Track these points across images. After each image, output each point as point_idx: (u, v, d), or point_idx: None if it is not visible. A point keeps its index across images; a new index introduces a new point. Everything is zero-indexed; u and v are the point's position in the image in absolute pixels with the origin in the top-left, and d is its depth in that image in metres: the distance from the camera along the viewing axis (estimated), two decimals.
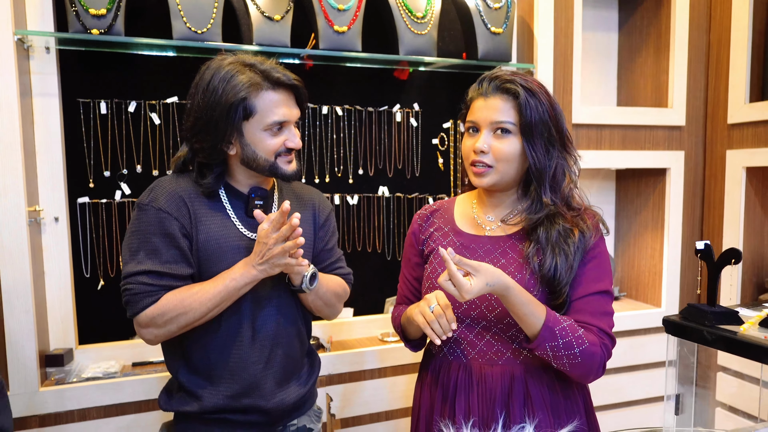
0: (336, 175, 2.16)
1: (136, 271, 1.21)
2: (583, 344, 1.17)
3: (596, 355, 1.18)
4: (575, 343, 1.16)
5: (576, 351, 1.16)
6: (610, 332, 1.23)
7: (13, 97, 1.62)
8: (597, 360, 1.19)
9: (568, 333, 1.17)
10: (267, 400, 1.30)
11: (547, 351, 1.16)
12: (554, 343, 1.15)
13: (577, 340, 1.17)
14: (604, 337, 1.21)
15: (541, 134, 1.22)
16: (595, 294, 1.23)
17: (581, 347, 1.17)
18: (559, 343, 1.15)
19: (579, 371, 1.19)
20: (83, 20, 1.66)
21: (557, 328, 1.16)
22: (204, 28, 1.77)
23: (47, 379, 1.76)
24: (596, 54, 2.58)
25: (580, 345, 1.17)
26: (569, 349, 1.16)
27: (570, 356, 1.16)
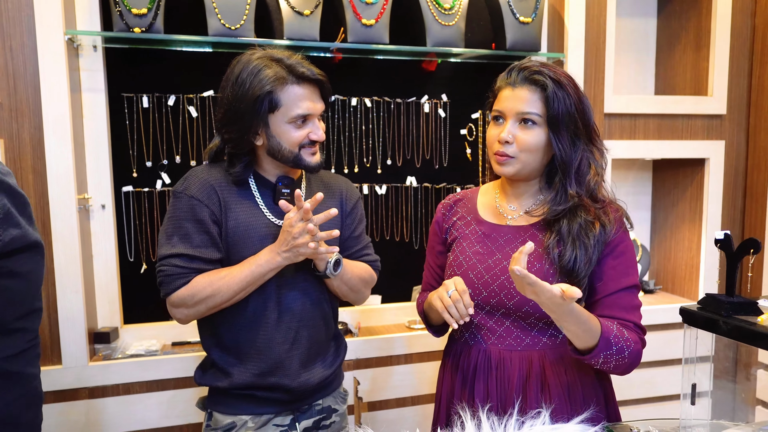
0: (365, 165, 2.21)
1: (170, 254, 1.30)
2: (631, 346, 1.18)
3: (639, 353, 1.21)
4: (625, 346, 1.18)
5: (625, 354, 1.17)
6: (642, 325, 1.26)
7: (64, 93, 1.74)
8: (639, 356, 1.21)
9: (620, 339, 1.17)
10: (291, 380, 1.37)
11: (599, 359, 1.16)
12: (609, 351, 1.16)
13: (626, 343, 1.18)
14: (640, 332, 1.24)
15: (567, 126, 1.22)
16: (626, 289, 1.24)
17: (629, 349, 1.18)
18: (613, 350, 1.16)
19: (621, 370, 1.20)
20: (126, 19, 1.77)
21: (611, 336, 1.17)
22: (237, 24, 1.85)
23: (95, 355, 1.90)
24: (633, 41, 2.52)
25: (629, 347, 1.18)
26: (620, 353, 1.17)
27: (619, 359, 1.17)
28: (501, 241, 1.32)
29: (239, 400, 1.38)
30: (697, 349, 1.27)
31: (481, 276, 1.30)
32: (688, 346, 1.22)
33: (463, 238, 1.37)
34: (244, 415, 1.38)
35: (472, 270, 1.31)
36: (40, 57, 1.72)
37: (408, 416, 2.12)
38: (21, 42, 1.72)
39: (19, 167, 1.75)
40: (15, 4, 1.70)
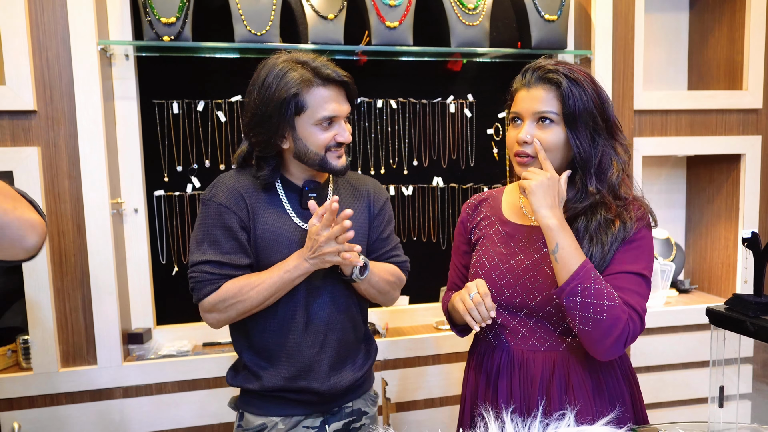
0: (391, 166, 2.22)
1: (200, 261, 1.32)
2: (613, 301, 1.11)
3: (620, 321, 1.11)
4: (606, 295, 1.11)
5: (604, 303, 1.10)
6: (641, 312, 1.16)
7: (98, 101, 1.80)
8: (620, 327, 1.11)
9: (602, 283, 1.13)
10: (321, 383, 1.38)
11: (576, 295, 1.11)
12: (586, 286, 1.11)
13: (609, 295, 1.12)
14: (633, 312, 1.15)
15: (586, 123, 1.20)
16: (629, 273, 1.19)
17: (611, 302, 1.11)
18: (590, 288, 1.11)
19: (599, 332, 1.11)
20: (156, 28, 1.81)
21: (593, 273, 1.13)
22: (263, 30, 1.88)
23: (129, 355, 1.95)
24: (664, 36, 2.46)
25: (610, 300, 1.11)
26: (599, 298, 1.11)
27: (597, 309, 1.10)
28: (524, 242, 1.31)
29: (270, 402, 1.40)
30: (725, 351, 1.24)
31: (503, 276, 1.29)
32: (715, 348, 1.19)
33: (486, 238, 1.37)
34: (275, 416, 1.39)
35: (494, 270, 1.31)
36: (74, 67, 1.77)
37: (436, 417, 2.12)
38: (57, 53, 1.78)
39: (56, 173, 1.81)
40: (51, 17, 1.76)
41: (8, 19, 1.71)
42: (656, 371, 2.25)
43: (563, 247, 1.15)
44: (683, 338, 2.25)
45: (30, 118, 1.77)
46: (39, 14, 1.75)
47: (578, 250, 1.16)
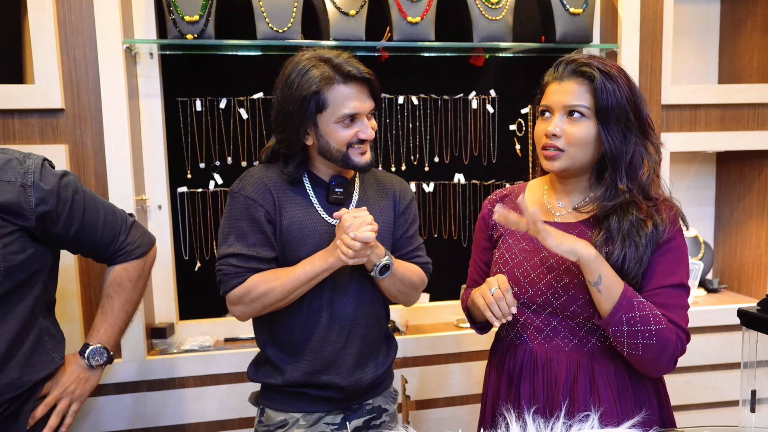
0: (412, 163, 2.20)
1: (227, 254, 1.34)
2: (660, 323, 1.12)
3: (671, 342, 1.14)
4: (652, 319, 1.12)
5: (652, 329, 1.11)
6: (686, 327, 1.18)
7: (123, 99, 1.82)
8: (671, 348, 1.14)
9: (646, 307, 1.13)
10: (343, 378, 1.38)
11: (621, 325, 1.12)
12: (631, 314, 1.11)
13: (655, 318, 1.12)
14: (680, 330, 1.16)
15: (618, 119, 1.18)
16: (670, 287, 1.18)
17: (658, 326, 1.12)
18: (635, 315, 1.11)
19: (651, 355, 1.13)
20: (180, 27, 1.83)
21: (636, 300, 1.13)
22: (285, 27, 1.88)
23: (153, 349, 1.98)
24: (694, 29, 2.39)
25: (657, 323, 1.12)
26: (645, 325, 1.11)
27: (645, 333, 1.11)
28: None
29: (291, 398, 1.40)
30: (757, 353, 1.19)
31: (527, 274, 1.27)
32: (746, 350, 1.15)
33: (509, 234, 1.35)
34: (296, 412, 1.40)
35: (518, 267, 1.29)
36: (100, 66, 1.80)
37: (457, 415, 2.10)
38: (83, 52, 1.81)
39: (82, 171, 1.84)
40: (78, 16, 1.79)
41: (38, 19, 1.74)
42: (684, 372, 2.20)
43: (606, 276, 1.13)
44: (711, 339, 2.19)
45: (58, 116, 1.80)
46: (67, 14, 1.78)
47: (617, 278, 1.15)
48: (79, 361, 1.39)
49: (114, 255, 1.42)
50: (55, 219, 1.25)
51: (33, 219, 1.21)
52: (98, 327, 1.41)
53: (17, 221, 1.20)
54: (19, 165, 1.21)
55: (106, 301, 1.42)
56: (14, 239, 1.20)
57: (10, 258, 1.19)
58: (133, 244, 1.43)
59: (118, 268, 1.44)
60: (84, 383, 1.39)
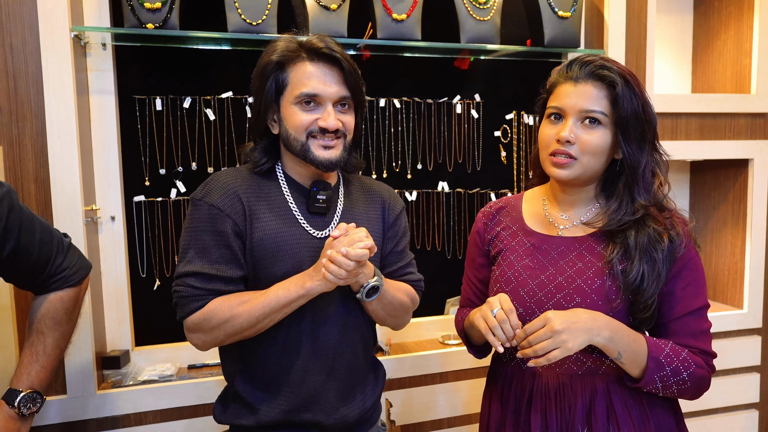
0: (394, 170, 2.06)
1: (185, 272, 1.14)
2: (690, 367, 1.10)
3: (704, 378, 1.12)
4: (682, 367, 1.10)
5: (684, 376, 1.09)
6: (711, 350, 1.15)
7: (70, 95, 1.58)
8: (706, 382, 1.12)
9: (674, 359, 1.09)
10: (328, 415, 1.20)
11: (656, 383, 1.09)
12: (662, 373, 1.09)
13: (684, 364, 1.10)
14: (708, 357, 1.14)
15: (636, 129, 1.11)
16: (694, 312, 1.13)
17: (688, 371, 1.10)
18: (667, 371, 1.09)
19: (688, 395, 1.12)
20: (138, 14, 1.61)
21: (662, 356, 1.09)
22: (259, 20, 1.70)
23: (104, 382, 1.73)
24: (669, 38, 2.41)
25: (687, 369, 1.10)
26: (677, 375, 1.09)
27: (679, 382, 1.09)
28: (554, 254, 1.19)
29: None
30: None
31: (533, 293, 1.16)
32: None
33: (509, 250, 1.24)
34: None
35: (522, 286, 1.18)
36: (43, 55, 1.56)
37: None
38: (22, 39, 1.56)
39: (20, 177, 1.58)
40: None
41: None
42: None
43: (625, 350, 1.08)
44: None
45: None
46: None
47: (635, 340, 1.09)
48: (6, 410, 1.16)
49: (48, 281, 1.21)
50: None
51: None
52: (28, 368, 1.18)
53: None
54: None
55: (37, 337, 1.20)
56: None
57: None
58: (71, 269, 1.23)
59: (53, 298, 1.22)
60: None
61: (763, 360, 2.33)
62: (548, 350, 1.02)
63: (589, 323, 1.05)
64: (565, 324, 1.02)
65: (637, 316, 1.12)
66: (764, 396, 2.35)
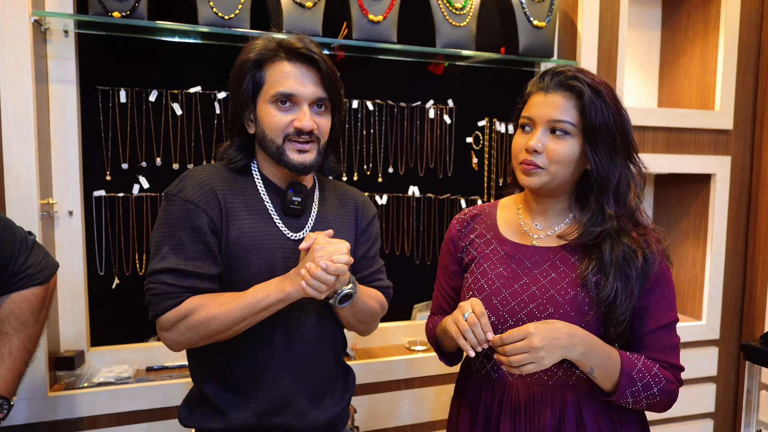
0: (365, 173, 2.04)
1: (159, 269, 1.11)
2: (660, 382, 1.11)
3: (674, 392, 1.13)
4: (653, 383, 1.10)
5: (655, 391, 1.10)
6: (680, 364, 1.16)
7: (29, 83, 1.52)
8: (674, 396, 1.14)
9: (645, 374, 1.10)
10: (299, 420, 1.18)
11: (627, 398, 1.10)
12: (634, 388, 1.09)
13: (654, 379, 1.10)
14: (677, 372, 1.15)
15: (605, 139, 1.10)
16: (665, 327, 1.15)
17: (659, 386, 1.10)
18: (638, 386, 1.09)
19: (657, 408, 1.13)
20: (104, 2, 1.55)
21: (634, 372, 1.09)
22: (231, 14, 1.66)
23: (57, 383, 1.66)
24: (637, 52, 2.46)
25: (657, 384, 1.11)
26: (648, 390, 1.10)
27: (649, 396, 1.10)
28: (528, 264, 1.18)
29: None
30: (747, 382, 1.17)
31: (506, 302, 1.16)
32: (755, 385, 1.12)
33: (483, 258, 1.23)
34: None
35: (496, 295, 1.17)
36: (0, 41, 1.48)
37: None
38: None
39: None
40: None
41: None
42: None
43: (598, 366, 1.08)
44: None
45: None
46: None
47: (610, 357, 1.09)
48: None
49: (11, 280, 1.17)
50: None
51: None
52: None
53: None
54: None
55: (2, 339, 1.16)
56: None
57: None
58: (35, 267, 1.19)
59: (17, 297, 1.18)
60: None
61: (719, 371, 2.39)
62: (523, 363, 1.02)
63: (566, 340, 1.05)
64: (544, 341, 1.02)
65: (611, 332, 1.13)
66: (719, 406, 2.41)
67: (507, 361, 1.03)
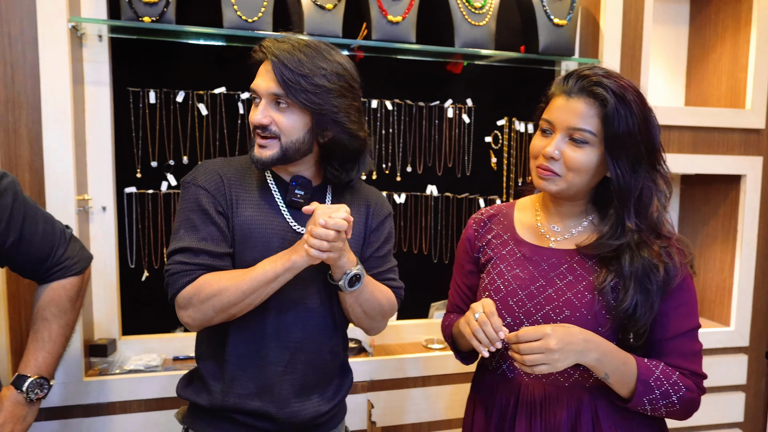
0: (383, 172, 2.08)
1: (174, 249, 1.18)
2: (680, 390, 1.08)
3: (694, 401, 1.10)
4: (672, 390, 1.08)
5: (674, 399, 1.08)
6: (702, 371, 1.13)
7: (66, 85, 1.61)
8: (695, 404, 1.11)
9: (664, 382, 1.08)
10: (279, 408, 1.21)
11: (645, 405, 1.08)
12: (651, 396, 1.07)
13: (674, 387, 1.08)
14: (698, 379, 1.12)
15: (628, 149, 1.06)
16: (686, 333, 1.12)
17: (678, 394, 1.08)
18: (656, 394, 1.07)
19: (676, 417, 1.11)
20: (135, 7, 1.63)
21: (652, 380, 1.07)
22: (255, 17, 1.72)
23: (91, 369, 1.76)
24: (663, 49, 2.41)
25: (677, 392, 1.08)
26: (667, 398, 1.08)
27: (668, 405, 1.08)
28: (544, 266, 1.18)
29: (218, 423, 1.23)
30: None
31: (522, 304, 1.16)
32: None
33: (500, 259, 1.23)
34: None
35: (512, 296, 1.17)
36: (41, 45, 1.58)
37: None
38: (20, 28, 1.59)
39: (15, 164, 1.61)
40: None
41: None
42: None
43: (613, 372, 1.07)
44: None
45: None
46: None
47: (626, 364, 1.08)
48: (14, 395, 1.19)
49: (50, 271, 1.25)
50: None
51: None
52: (35, 354, 1.22)
53: None
54: None
55: (42, 324, 1.24)
56: None
57: None
58: (72, 259, 1.27)
59: (56, 286, 1.26)
60: (21, 421, 1.19)
61: (749, 379, 2.32)
62: (537, 363, 1.01)
63: (581, 345, 1.03)
64: (560, 344, 1.01)
65: (629, 340, 1.11)
66: (749, 415, 2.34)
67: (521, 360, 1.03)
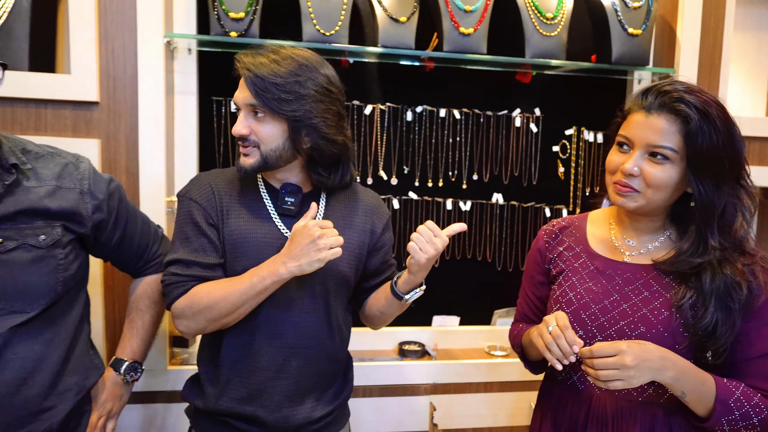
0: (450, 179, 2.12)
1: (169, 261, 1.25)
2: (762, 413, 1.04)
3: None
4: (753, 413, 1.04)
5: (755, 421, 1.04)
6: None
7: (161, 95, 1.74)
8: None
9: (744, 403, 1.04)
10: (269, 412, 1.24)
11: (723, 426, 1.05)
12: (731, 417, 1.04)
13: (755, 409, 1.04)
14: None
15: (711, 166, 1.04)
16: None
17: (759, 416, 1.04)
18: (735, 416, 1.04)
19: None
20: (223, 23, 1.75)
21: (731, 400, 1.04)
22: (332, 30, 1.80)
23: (174, 358, 1.89)
24: (745, 56, 2.32)
25: (758, 414, 1.04)
26: (747, 420, 1.04)
27: (748, 427, 1.05)
28: (619, 280, 1.17)
29: (216, 424, 1.28)
30: None
31: (595, 318, 1.15)
32: None
33: (572, 272, 1.23)
34: None
35: (585, 309, 1.16)
36: (139, 59, 1.72)
37: None
38: (122, 44, 1.73)
39: (114, 168, 1.76)
40: (119, 7, 1.71)
41: (78, 8, 1.66)
42: None
43: (691, 391, 1.05)
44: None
45: (92, 109, 1.72)
46: (108, 3, 1.71)
47: (705, 383, 1.05)
48: (114, 377, 1.32)
49: (145, 266, 1.38)
50: (105, 227, 1.23)
51: (89, 226, 1.20)
52: (130, 341, 1.34)
53: (76, 229, 1.18)
54: (75, 170, 1.19)
55: (137, 314, 1.36)
56: (72, 248, 1.18)
57: (69, 267, 1.17)
58: (164, 256, 1.38)
59: (149, 280, 1.39)
60: (119, 400, 1.32)
61: None
62: (611, 379, 1.01)
63: (658, 363, 1.02)
64: (636, 361, 1.00)
65: (706, 361, 1.09)
66: None
67: (594, 375, 1.02)
